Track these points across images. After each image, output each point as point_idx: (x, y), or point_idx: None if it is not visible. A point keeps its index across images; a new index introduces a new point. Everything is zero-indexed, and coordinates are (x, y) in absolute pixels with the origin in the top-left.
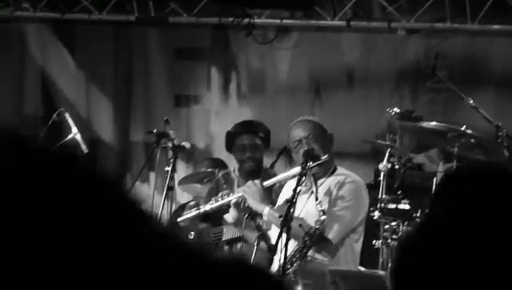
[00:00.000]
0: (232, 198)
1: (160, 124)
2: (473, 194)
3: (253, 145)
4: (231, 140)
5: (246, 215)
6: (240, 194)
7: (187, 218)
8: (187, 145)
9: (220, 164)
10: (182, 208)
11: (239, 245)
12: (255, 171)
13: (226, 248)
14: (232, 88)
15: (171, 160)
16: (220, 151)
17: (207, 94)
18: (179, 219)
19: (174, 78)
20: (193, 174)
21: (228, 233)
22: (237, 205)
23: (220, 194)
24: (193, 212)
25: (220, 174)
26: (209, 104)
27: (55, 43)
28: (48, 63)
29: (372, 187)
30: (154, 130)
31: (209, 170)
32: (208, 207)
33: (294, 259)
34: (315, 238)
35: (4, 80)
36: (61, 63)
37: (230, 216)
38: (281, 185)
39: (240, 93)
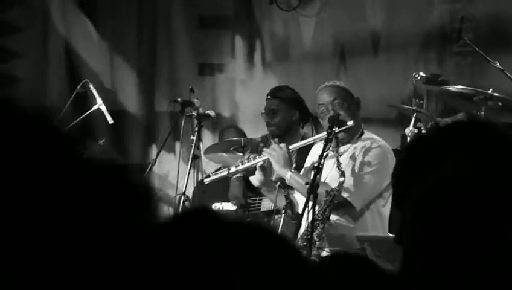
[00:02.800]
0: (258, 161)
1: (184, 93)
2: (494, 145)
3: (269, 110)
4: None
5: (278, 183)
6: (265, 157)
7: (214, 179)
8: (212, 113)
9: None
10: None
11: (277, 217)
12: (278, 135)
13: (265, 219)
14: (257, 56)
15: (196, 129)
16: (245, 120)
17: (231, 63)
18: (206, 180)
19: (198, 46)
20: (219, 143)
21: (267, 204)
22: (263, 168)
23: (246, 156)
24: (220, 174)
25: (259, 137)
26: (233, 72)
27: (77, 13)
28: (71, 34)
29: (400, 153)
30: (179, 99)
31: (235, 138)
32: (233, 169)
33: (317, 222)
34: (335, 199)
35: (27, 51)
36: (84, 34)
37: (255, 179)
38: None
39: (265, 61)
